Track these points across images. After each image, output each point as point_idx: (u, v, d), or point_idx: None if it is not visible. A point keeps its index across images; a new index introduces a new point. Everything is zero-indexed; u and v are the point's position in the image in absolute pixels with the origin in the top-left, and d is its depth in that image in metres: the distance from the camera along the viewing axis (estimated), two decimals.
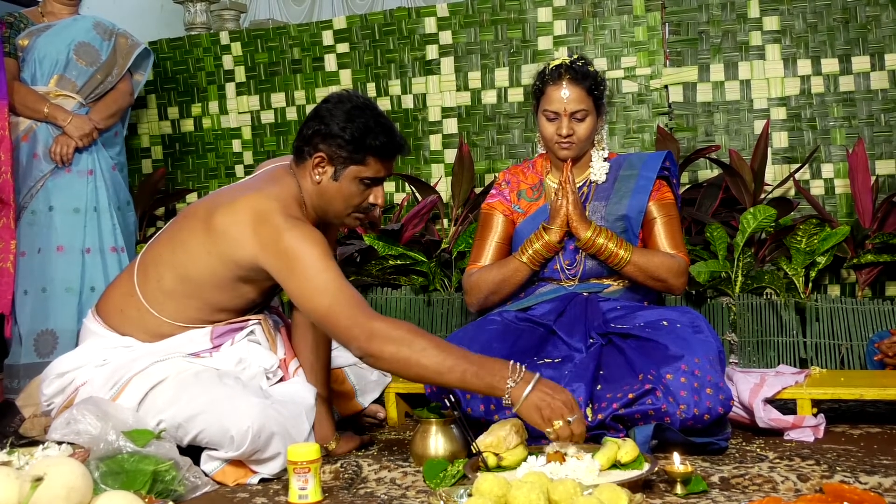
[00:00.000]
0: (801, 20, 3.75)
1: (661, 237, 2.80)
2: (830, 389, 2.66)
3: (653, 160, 2.86)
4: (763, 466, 2.22)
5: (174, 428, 2.25)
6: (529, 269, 2.79)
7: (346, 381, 2.81)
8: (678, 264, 2.76)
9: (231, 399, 2.24)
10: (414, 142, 4.24)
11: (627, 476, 2.00)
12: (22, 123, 3.55)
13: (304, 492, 2.00)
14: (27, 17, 3.71)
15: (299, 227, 2.27)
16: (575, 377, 2.45)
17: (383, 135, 2.36)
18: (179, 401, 2.26)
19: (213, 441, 2.24)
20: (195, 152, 4.63)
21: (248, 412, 2.20)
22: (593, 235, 2.71)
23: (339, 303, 2.19)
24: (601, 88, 2.80)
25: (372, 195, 2.42)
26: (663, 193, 2.84)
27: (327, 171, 2.38)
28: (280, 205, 2.31)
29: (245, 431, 2.17)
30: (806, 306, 3.46)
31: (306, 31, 4.43)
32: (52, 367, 2.47)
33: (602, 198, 2.84)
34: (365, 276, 3.93)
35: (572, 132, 2.76)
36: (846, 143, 3.68)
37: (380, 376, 2.90)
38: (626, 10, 3.94)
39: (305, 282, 2.22)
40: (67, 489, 1.81)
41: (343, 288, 2.21)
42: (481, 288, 2.85)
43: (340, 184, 2.38)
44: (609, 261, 2.73)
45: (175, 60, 4.62)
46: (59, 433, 2.10)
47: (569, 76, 2.75)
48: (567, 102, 2.74)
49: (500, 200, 2.95)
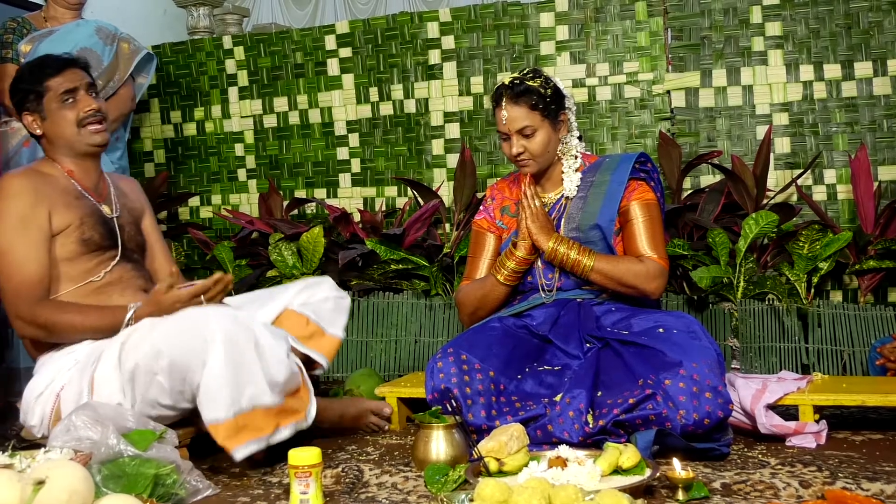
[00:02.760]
0: (804, 26, 3.75)
1: (640, 237, 2.76)
2: (832, 395, 2.65)
3: (623, 163, 2.82)
4: (765, 472, 2.22)
5: (152, 357, 2.27)
6: (506, 287, 2.82)
7: (308, 321, 2.79)
8: (647, 268, 2.71)
9: (203, 312, 2.32)
10: (416, 146, 4.25)
11: (629, 482, 2.00)
12: (23, 129, 3.54)
13: (305, 496, 1.99)
14: (30, 22, 3.71)
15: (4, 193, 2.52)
16: (575, 384, 2.45)
17: (45, 61, 2.68)
18: (153, 332, 2.32)
19: (187, 358, 2.25)
20: (198, 156, 4.64)
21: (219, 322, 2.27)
22: (555, 245, 2.72)
23: (8, 285, 2.49)
24: (546, 101, 2.75)
25: (81, 105, 2.63)
26: (642, 193, 2.80)
27: (37, 118, 2.65)
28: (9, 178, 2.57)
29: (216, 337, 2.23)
30: (808, 312, 3.46)
31: (309, 35, 4.44)
32: (28, 394, 2.53)
33: (577, 208, 2.83)
34: (367, 280, 3.93)
35: (522, 149, 2.77)
36: (848, 148, 3.68)
37: (336, 302, 2.86)
38: (628, 15, 3.95)
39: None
40: (69, 492, 1.81)
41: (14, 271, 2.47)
42: (466, 305, 2.90)
43: (51, 118, 2.63)
44: (573, 270, 2.72)
45: (178, 64, 4.63)
46: (60, 440, 2.10)
47: (507, 96, 2.76)
48: (508, 122, 2.76)
49: (485, 218, 2.99)
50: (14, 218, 2.49)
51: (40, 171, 2.63)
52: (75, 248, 2.56)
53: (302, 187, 4.45)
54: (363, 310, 3.92)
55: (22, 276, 2.48)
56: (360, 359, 3.90)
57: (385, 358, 3.89)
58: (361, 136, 4.36)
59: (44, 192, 2.55)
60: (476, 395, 2.49)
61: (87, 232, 2.59)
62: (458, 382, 2.49)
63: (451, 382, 2.49)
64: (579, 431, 2.36)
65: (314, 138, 4.43)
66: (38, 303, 2.49)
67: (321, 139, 4.41)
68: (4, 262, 2.49)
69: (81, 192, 2.65)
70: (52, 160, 2.68)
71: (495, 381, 2.52)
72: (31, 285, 2.48)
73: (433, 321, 3.86)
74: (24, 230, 2.49)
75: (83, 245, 2.58)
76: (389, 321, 3.90)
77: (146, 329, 2.36)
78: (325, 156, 4.42)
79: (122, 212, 2.74)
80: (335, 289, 2.88)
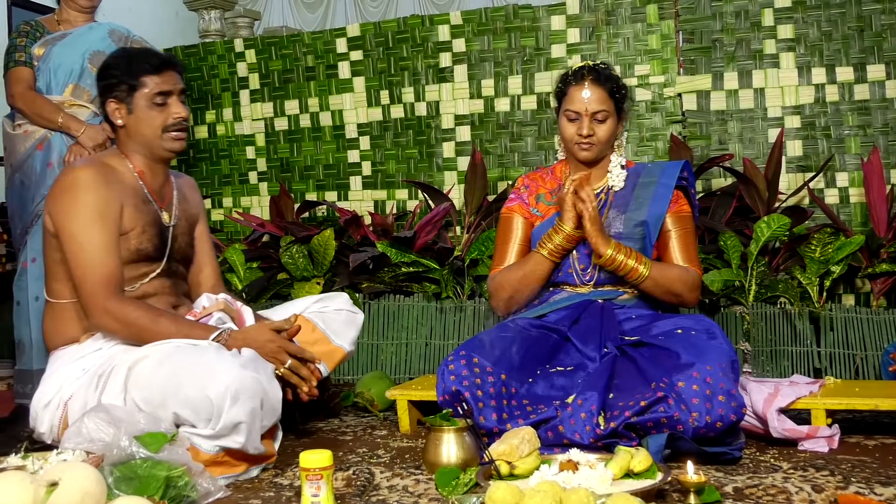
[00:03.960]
0: (816, 28, 3.74)
1: (676, 250, 2.81)
2: (845, 400, 2.64)
3: (671, 168, 2.87)
4: (777, 477, 2.21)
5: (158, 406, 2.26)
6: (550, 262, 2.80)
7: (315, 328, 2.80)
8: (692, 278, 2.78)
9: (208, 364, 2.28)
10: (427, 149, 4.25)
11: (640, 485, 1.99)
12: (37, 132, 3.56)
13: (316, 499, 1.99)
14: (43, 26, 3.73)
15: (71, 195, 2.47)
16: (588, 386, 2.45)
17: (147, 55, 2.63)
18: (159, 375, 2.30)
19: (194, 410, 2.25)
20: (209, 159, 4.65)
21: (224, 377, 2.24)
22: (613, 252, 2.72)
23: (86, 277, 2.43)
24: (623, 93, 2.83)
25: (172, 110, 2.58)
26: (680, 206, 2.85)
27: (123, 110, 2.58)
28: (78, 171, 2.51)
29: (223, 394, 2.21)
30: (820, 316, 3.44)
31: (320, 38, 4.45)
32: (36, 403, 2.51)
33: (621, 205, 2.84)
34: (377, 282, 3.94)
35: (592, 133, 2.78)
36: (861, 151, 3.67)
37: (347, 315, 2.88)
38: (639, 18, 3.94)
39: (69, 255, 2.46)
40: (82, 494, 1.81)
41: (93, 264, 2.42)
42: (505, 288, 2.86)
43: (137, 113, 2.57)
44: (629, 276, 2.73)
45: (189, 68, 4.65)
46: (73, 442, 2.11)
47: (591, 77, 2.79)
48: (588, 102, 2.77)
49: (519, 204, 2.96)
50: (91, 210, 2.45)
51: (111, 166, 2.58)
52: (126, 255, 2.53)
53: (313, 190, 4.46)
54: (374, 312, 3.93)
55: (105, 268, 2.44)
56: (371, 361, 3.90)
57: (395, 361, 3.89)
58: (372, 139, 4.36)
59: (116, 188, 2.53)
60: (487, 398, 2.48)
61: (145, 242, 2.56)
62: (469, 385, 2.49)
63: (463, 385, 2.49)
64: (590, 433, 2.35)
65: (325, 141, 4.44)
66: (129, 300, 2.47)
67: (332, 142, 4.42)
68: (84, 254, 2.44)
69: (148, 196, 2.62)
70: (122, 155, 2.63)
71: (507, 384, 2.52)
72: (115, 279, 2.45)
73: (444, 324, 3.86)
74: (103, 222, 2.46)
75: (134, 254, 2.55)
76: (400, 324, 3.90)
77: (153, 365, 2.34)
78: (335, 158, 4.42)
79: (179, 220, 2.70)
80: (350, 304, 2.91)
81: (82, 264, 2.44)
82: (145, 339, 2.42)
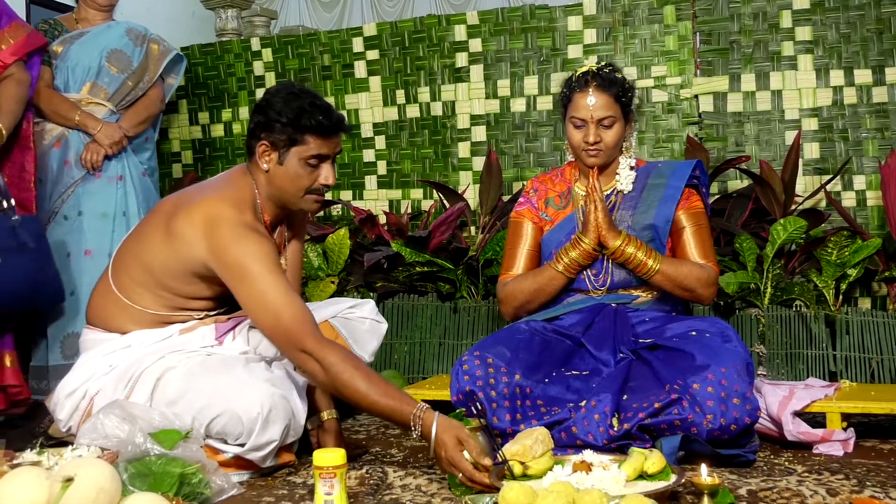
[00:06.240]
0: (835, 30, 3.72)
1: (691, 246, 2.79)
2: (860, 403, 2.63)
3: (682, 169, 2.84)
4: (791, 480, 2.20)
5: (188, 424, 2.28)
6: (565, 277, 2.78)
7: (338, 335, 2.78)
8: (707, 274, 2.74)
9: (238, 385, 2.30)
10: (442, 149, 4.26)
11: (654, 487, 1.99)
12: (54, 130, 3.59)
13: (329, 497, 2.00)
14: (61, 24, 3.75)
15: (246, 239, 2.36)
16: (602, 388, 2.45)
17: (318, 113, 2.44)
18: (188, 392, 2.32)
19: (224, 430, 2.29)
20: (225, 157, 4.66)
21: (257, 397, 2.27)
22: (622, 244, 2.70)
23: (279, 321, 2.31)
24: (629, 95, 2.79)
25: (322, 175, 2.48)
26: (693, 202, 2.82)
27: (273, 157, 2.47)
28: (233, 210, 2.41)
29: (255, 417, 2.25)
30: (836, 319, 3.42)
31: (336, 37, 4.46)
32: (60, 390, 2.51)
33: (629, 206, 2.82)
34: (392, 282, 3.94)
35: (599, 139, 2.75)
36: (878, 154, 3.64)
37: (372, 325, 2.86)
38: (656, 19, 3.93)
39: (249, 298, 2.35)
40: (97, 490, 1.82)
41: (283, 306, 2.31)
42: (516, 297, 2.85)
43: (287, 167, 2.46)
44: (637, 270, 2.71)
45: (206, 66, 4.66)
46: (88, 438, 2.12)
47: (595, 83, 2.75)
48: (594, 109, 2.73)
49: (528, 208, 2.95)
50: (264, 251, 2.36)
51: (248, 203, 2.48)
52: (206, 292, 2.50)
53: None
54: (388, 312, 3.93)
55: (294, 308, 2.32)
56: (385, 361, 3.90)
57: (409, 360, 3.89)
58: (388, 139, 4.37)
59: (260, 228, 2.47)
60: (501, 399, 2.48)
61: None
62: (483, 385, 2.49)
63: (476, 385, 2.49)
64: (604, 434, 2.35)
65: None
66: (326, 342, 2.32)
67: (347, 141, 4.43)
68: (268, 299, 2.32)
69: None
70: (255, 191, 2.52)
71: (521, 384, 2.51)
72: (308, 318, 2.33)
73: (458, 324, 3.86)
74: (273, 262, 2.37)
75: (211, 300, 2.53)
76: (414, 323, 3.90)
77: (180, 379, 2.36)
78: (351, 158, 4.43)
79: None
80: (376, 313, 2.88)
81: (273, 310, 2.31)
82: (346, 394, 2.28)
